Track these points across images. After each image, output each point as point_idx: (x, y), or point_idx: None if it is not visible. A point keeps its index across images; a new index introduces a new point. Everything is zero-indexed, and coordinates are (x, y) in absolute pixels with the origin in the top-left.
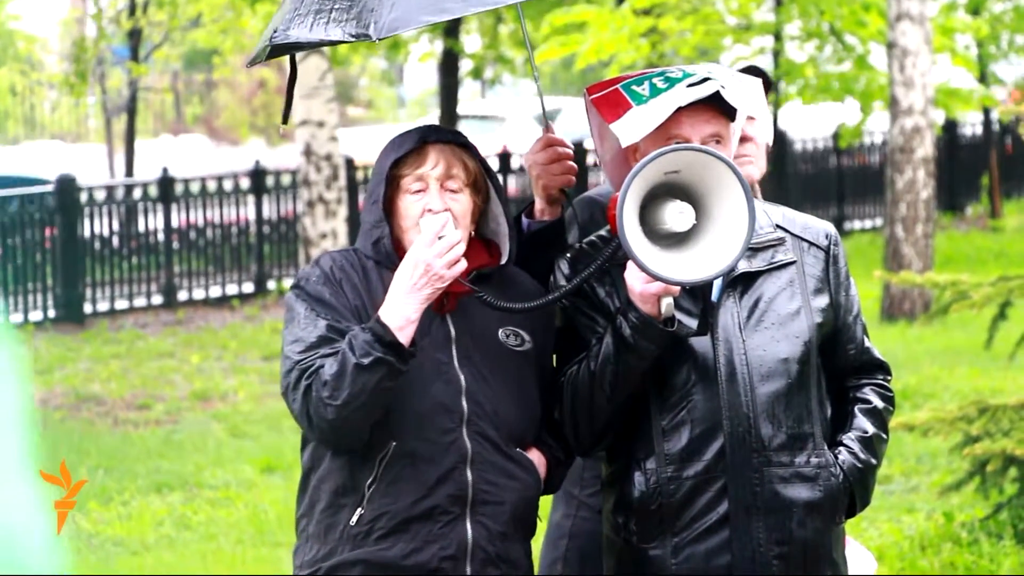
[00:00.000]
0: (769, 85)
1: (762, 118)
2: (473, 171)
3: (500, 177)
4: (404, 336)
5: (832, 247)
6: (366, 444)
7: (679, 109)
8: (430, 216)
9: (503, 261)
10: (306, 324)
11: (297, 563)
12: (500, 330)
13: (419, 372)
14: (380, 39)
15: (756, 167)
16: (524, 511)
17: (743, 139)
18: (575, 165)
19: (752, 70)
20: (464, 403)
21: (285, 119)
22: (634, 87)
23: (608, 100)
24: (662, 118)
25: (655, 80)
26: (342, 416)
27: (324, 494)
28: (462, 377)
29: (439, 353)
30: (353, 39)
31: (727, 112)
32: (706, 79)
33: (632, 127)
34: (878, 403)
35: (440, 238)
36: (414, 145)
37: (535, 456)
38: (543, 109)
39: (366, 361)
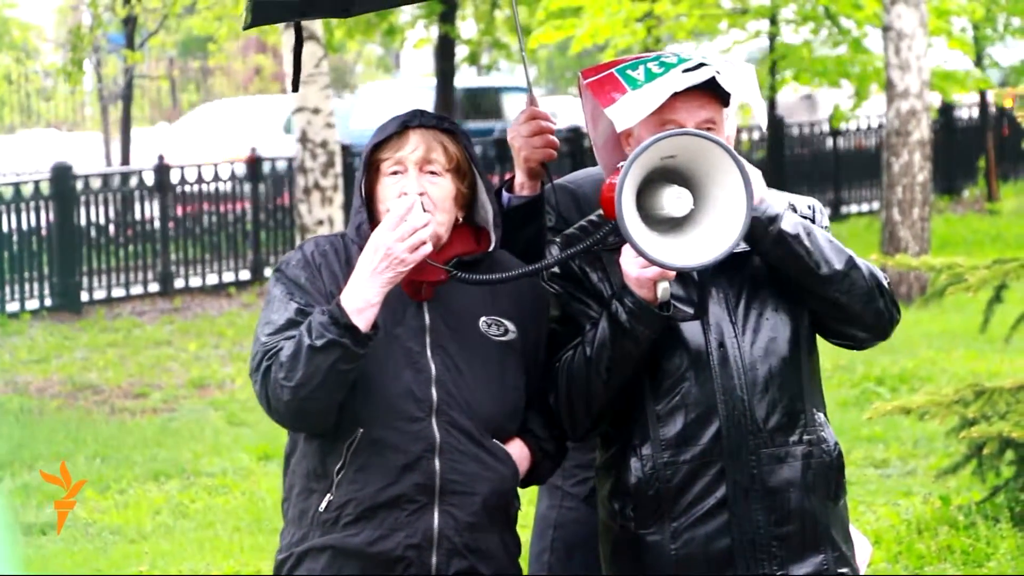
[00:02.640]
0: None
1: (756, 106)
2: (455, 156)
3: (497, 164)
4: (362, 319)
5: (816, 215)
6: (335, 430)
7: (674, 94)
8: (396, 199)
9: (491, 248)
10: (279, 307)
11: (279, 546)
12: (481, 319)
13: (390, 361)
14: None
15: None
16: (497, 502)
17: None
18: (557, 140)
19: None
20: (434, 392)
21: (295, 87)
22: (629, 72)
23: (603, 84)
24: (657, 103)
25: (650, 65)
26: (297, 398)
27: (299, 478)
28: (433, 366)
29: (411, 342)
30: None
31: (721, 97)
32: (701, 64)
33: (627, 112)
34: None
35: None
36: (395, 130)
37: (516, 447)
38: (528, 86)
39: (319, 343)
